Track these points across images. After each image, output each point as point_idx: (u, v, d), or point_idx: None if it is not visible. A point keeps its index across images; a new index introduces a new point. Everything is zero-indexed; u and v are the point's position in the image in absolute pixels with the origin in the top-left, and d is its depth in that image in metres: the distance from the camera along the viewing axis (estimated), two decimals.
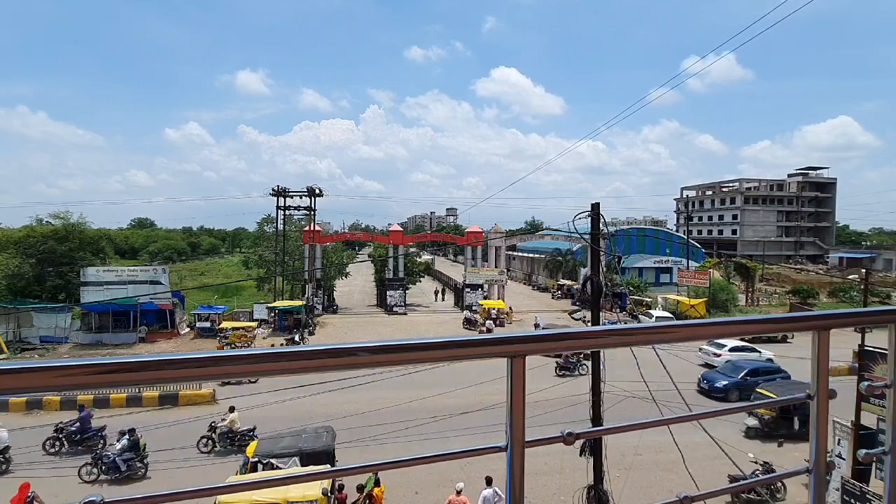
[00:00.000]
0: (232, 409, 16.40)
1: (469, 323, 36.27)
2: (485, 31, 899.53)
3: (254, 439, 14.76)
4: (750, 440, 16.22)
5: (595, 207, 11.26)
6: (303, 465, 12.16)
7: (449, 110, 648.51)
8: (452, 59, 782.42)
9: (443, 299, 46.77)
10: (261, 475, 11.78)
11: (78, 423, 15.90)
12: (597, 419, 10.68)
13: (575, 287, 46.76)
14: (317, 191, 41.12)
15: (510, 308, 38.28)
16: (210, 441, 15.82)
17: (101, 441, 15.61)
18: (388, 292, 41.51)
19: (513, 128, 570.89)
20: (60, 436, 15.69)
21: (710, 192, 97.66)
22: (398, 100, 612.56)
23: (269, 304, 36.38)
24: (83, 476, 13.82)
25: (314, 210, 40.95)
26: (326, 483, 10.66)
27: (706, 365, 25.30)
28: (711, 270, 46.99)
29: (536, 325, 30.63)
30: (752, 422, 16.89)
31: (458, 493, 11.82)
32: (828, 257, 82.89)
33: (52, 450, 15.46)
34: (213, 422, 16.27)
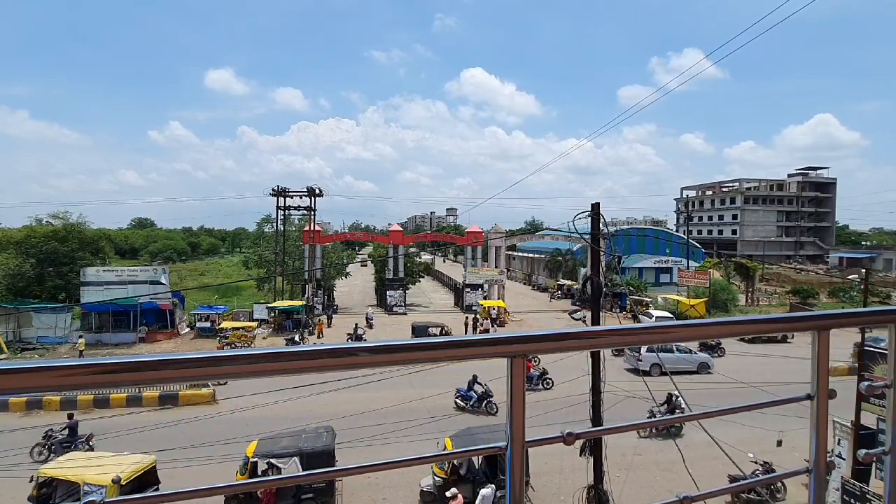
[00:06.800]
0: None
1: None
2: (436, 30, 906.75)
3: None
4: None
5: (595, 207, 11.26)
6: (303, 466, 12.17)
7: (424, 110, 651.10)
8: (414, 60, 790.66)
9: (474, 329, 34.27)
10: (262, 477, 11.82)
11: (67, 430, 15.67)
12: (597, 419, 10.68)
13: (575, 287, 46.77)
14: (317, 191, 41.12)
15: (507, 308, 38.32)
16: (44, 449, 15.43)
17: (89, 448, 15.23)
18: (388, 292, 41.53)
19: (492, 126, 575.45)
20: (49, 443, 15.43)
21: (709, 192, 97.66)
22: (370, 101, 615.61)
23: (269, 304, 36.41)
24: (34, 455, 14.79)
25: (314, 210, 40.95)
26: (123, 472, 11.33)
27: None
28: (711, 270, 47.00)
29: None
30: None
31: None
32: (828, 257, 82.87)
33: (40, 457, 15.05)
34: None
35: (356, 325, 32.28)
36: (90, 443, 15.64)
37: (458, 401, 19.52)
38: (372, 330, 34.66)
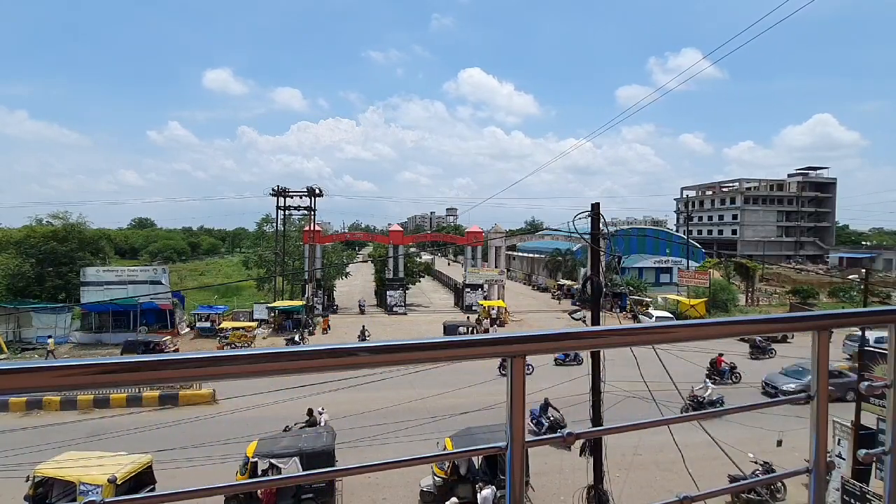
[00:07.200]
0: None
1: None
2: (433, 30, 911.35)
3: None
4: None
5: (595, 207, 11.26)
6: (303, 466, 12.17)
7: (422, 110, 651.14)
8: (412, 60, 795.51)
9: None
10: (262, 477, 11.83)
11: None
12: (597, 419, 10.68)
13: (575, 287, 46.77)
14: (316, 191, 41.12)
15: (507, 308, 38.34)
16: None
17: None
18: (388, 292, 41.53)
19: (491, 126, 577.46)
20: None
21: (709, 192, 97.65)
22: (368, 101, 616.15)
23: (269, 304, 36.42)
24: None
25: (314, 210, 40.95)
26: (119, 471, 11.41)
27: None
28: (711, 270, 47.01)
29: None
30: None
31: None
32: (828, 257, 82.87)
33: None
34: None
35: (363, 326, 32.43)
36: None
37: (531, 423, 18.15)
38: (363, 315, 35.76)
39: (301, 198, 41.26)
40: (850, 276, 53.72)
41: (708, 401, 18.55)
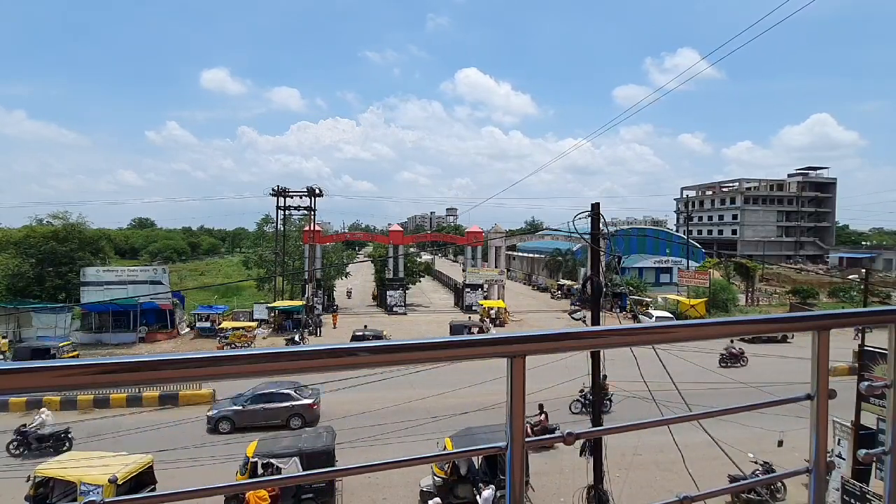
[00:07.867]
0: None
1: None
2: (429, 30, 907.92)
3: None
4: None
5: (595, 207, 11.26)
6: (303, 466, 12.18)
7: (420, 110, 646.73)
8: (409, 60, 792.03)
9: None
10: (261, 477, 11.83)
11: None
12: (597, 419, 10.69)
13: (575, 287, 46.77)
14: (316, 191, 41.13)
15: (507, 308, 38.35)
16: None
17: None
18: (388, 292, 41.54)
19: (489, 126, 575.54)
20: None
21: (709, 192, 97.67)
22: (365, 101, 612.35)
23: (270, 304, 36.43)
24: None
25: (314, 210, 40.96)
26: (120, 471, 11.43)
27: None
28: (711, 270, 47.01)
29: None
30: None
31: None
32: (828, 257, 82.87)
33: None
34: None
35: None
36: (69, 436, 16.08)
37: None
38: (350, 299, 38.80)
39: (301, 198, 41.28)
40: (850, 276, 53.70)
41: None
